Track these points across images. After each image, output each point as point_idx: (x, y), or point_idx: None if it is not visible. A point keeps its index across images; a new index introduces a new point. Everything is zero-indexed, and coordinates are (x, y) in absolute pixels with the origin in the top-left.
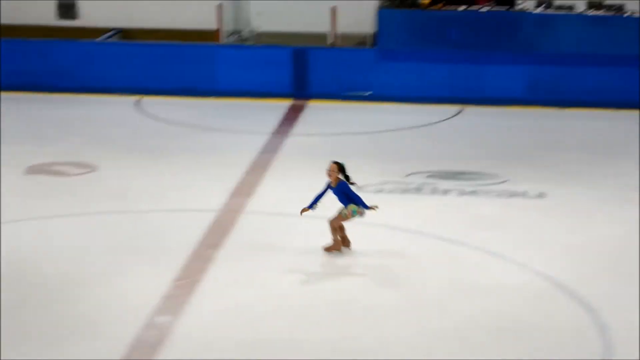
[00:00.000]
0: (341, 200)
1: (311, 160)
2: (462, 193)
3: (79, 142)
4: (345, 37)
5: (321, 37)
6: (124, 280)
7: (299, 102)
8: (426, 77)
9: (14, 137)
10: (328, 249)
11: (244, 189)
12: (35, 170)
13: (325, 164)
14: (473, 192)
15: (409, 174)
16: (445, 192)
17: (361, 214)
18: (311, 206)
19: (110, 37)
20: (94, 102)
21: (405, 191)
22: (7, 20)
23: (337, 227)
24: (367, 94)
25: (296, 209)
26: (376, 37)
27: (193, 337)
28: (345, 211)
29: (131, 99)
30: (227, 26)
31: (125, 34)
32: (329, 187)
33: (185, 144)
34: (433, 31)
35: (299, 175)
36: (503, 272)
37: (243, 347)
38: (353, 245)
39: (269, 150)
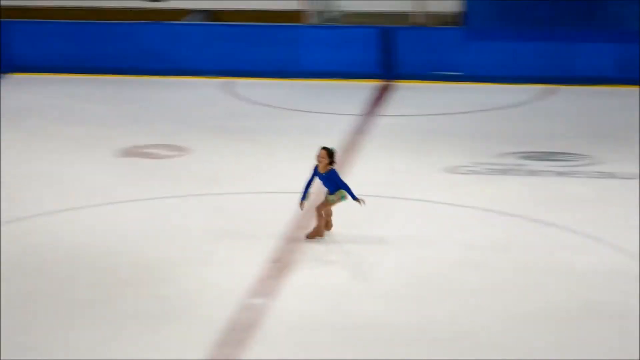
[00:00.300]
0: (329, 187)
1: (399, 141)
2: (555, 174)
3: (170, 125)
4: (433, 15)
5: (408, 16)
6: (218, 262)
7: (386, 82)
8: (515, 56)
9: (106, 120)
10: (310, 236)
11: None
12: (127, 152)
13: (415, 145)
14: (565, 173)
15: (500, 155)
16: (538, 173)
17: (347, 198)
18: (304, 197)
19: (197, 18)
20: (183, 84)
21: (496, 172)
22: (96, 3)
23: (322, 213)
24: (455, 73)
25: (388, 190)
26: (464, 16)
27: (286, 319)
28: (333, 197)
29: (219, 80)
30: (313, 6)
31: (212, 15)
32: (316, 173)
33: (275, 126)
34: (522, 9)
35: (387, 157)
36: (596, 255)
37: (336, 330)
38: (446, 227)
39: (357, 132)
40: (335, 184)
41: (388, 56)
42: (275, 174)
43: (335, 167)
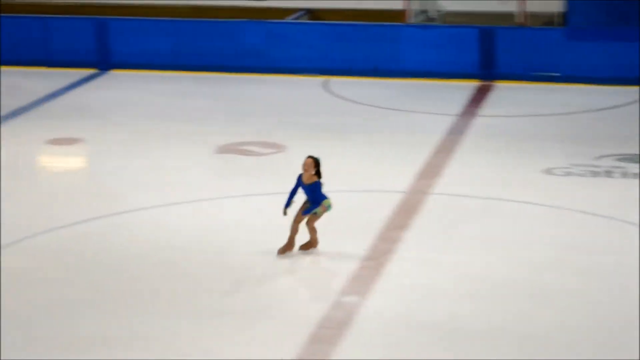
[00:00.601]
0: (311, 197)
1: (496, 141)
2: None
3: (267, 122)
4: (534, 16)
5: (509, 16)
6: (313, 259)
7: (485, 82)
8: (615, 57)
9: (205, 116)
10: (304, 247)
11: (431, 170)
12: (225, 149)
13: (512, 145)
14: None
15: (597, 157)
16: (634, 175)
17: (332, 207)
18: (288, 204)
19: (298, 17)
20: (283, 82)
21: (595, 174)
22: (198, 2)
23: (314, 226)
24: (554, 74)
25: (483, 190)
26: (565, 16)
27: (379, 318)
28: (320, 209)
29: (319, 79)
30: (414, 6)
31: (312, 14)
32: (299, 183)
33: (372, 125)
34: (623, 9)
35: (486, 158)
36: None
37: (428, 329)
38: (540, 229)
39: (456, 132)
40: (316, 197)
41: (488, 56)
42: (372, 173)
43: (430, 166)
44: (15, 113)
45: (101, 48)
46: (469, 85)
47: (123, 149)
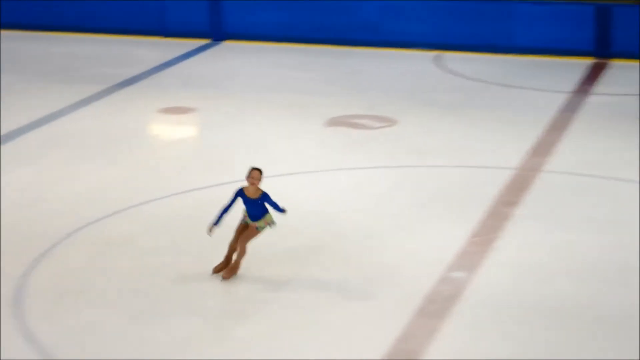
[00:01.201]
0: (255, 213)
1: (612, 120)
2: None
3: (379, 96)
4: None
5: None
6: (421, 234)
7: (600, 60)
8: None
9: (317, 89)
10: (227, 275)
11: (543, 148)
12: (336, 122)
13: (626, 125)
14: None
15: None
16: None
17: (273, 224)
18: (217, 222)
19: None
20: (395, 56)
21: None
22: None
23: (246, 246)
24: None
25: (596, 170)
26: None
27: (486, 294)
28: (262, 223)
29: (431, 54)
30: None
31: None
32: (241, 197)
33: (484, 101)
34: None
35: (599, 136)
36: None
37: (534, 307)
38: None
39: (569, 110)
40: (263, 209)
41: (603, 34)
42: (483, 148)
43: (542, 143)
44: (129, 82)
45: (215, 19)
46: (583, 63)
47: (234, 119)
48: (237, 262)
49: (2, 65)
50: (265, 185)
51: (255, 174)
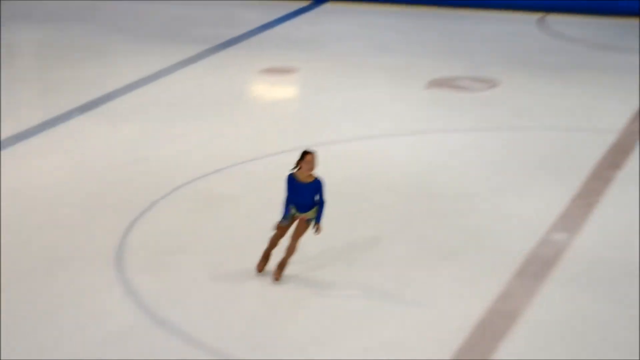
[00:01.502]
0: (306, 201)
1: None
2: None
3: (481, 58)
4: None
5: None
6: (521, 195)
7: None
8: None
9: (418, 51)
10: (277, 274)
11: None
12: (437, 84)
13: None
14: None
15: None
16: None
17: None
18: (286, 216)
19: None
20: (497, 18)
21: None
22: None
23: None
24: None
25: None
26: None
27: (586, 256)
28: (311, 214)
29: (534, 16)
30: None
31: None
32: (290, 184)
33: (588, 63)
34: None
35: None
36: None
37: (634, 270)
38: None
39: None
40: (314, 197)
41: None
42: (586, 112)
43: None
44: (230, 43)
45: None
46: None
47: (334, 81)
48: (285, 261)
49: (106, 27)
50: (362, 146)
51: (309, 158)
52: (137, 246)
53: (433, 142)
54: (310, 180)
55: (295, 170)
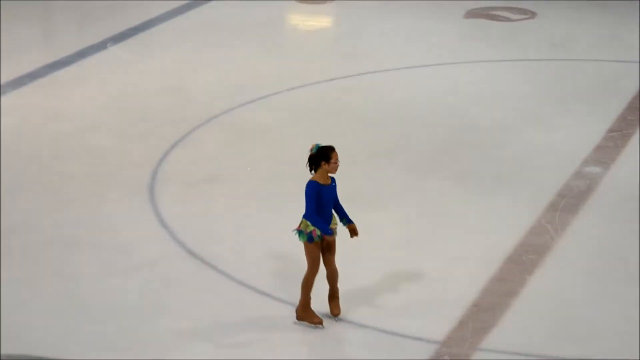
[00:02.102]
0: (331, 206)
1: None
2: None
3: None
4: None
5: None
6: (557, 127)
7: None
8: None
9: None
10: (335, 309)
11: None
12: (474, 14)
13: None
14: None
15: None
16: None
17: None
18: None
19: None
20: None
21: None
22: None
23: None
24: None
25: None
26: None
27: (619, 190)
28: (334, 225)
29: None
30: None
31: None
32: (318, 190)
33: None
34: None
35: None
36: None
37: None
38: None
39: None
40: (335, 204)
41: None
42: (624, 43)
43: None
44: None
45: None
46: None
47: (372, 10)
48: (337, 290)
49: None
50: (399, 76)
51: (335, 153)
52: (170, 176)
53: (469, 72)
54: (329, 182)
55: (318, 173)
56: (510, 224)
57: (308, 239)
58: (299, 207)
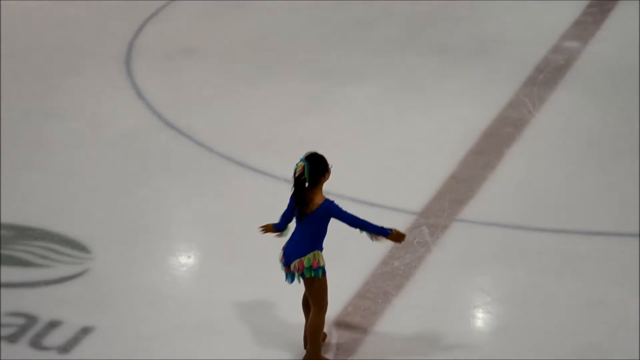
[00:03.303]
0: (320, 235)
1: None
2: None
3: None
4: None
5: None
6: (535, 3)
7: None
8: None
9: None
10: None
11: None
12: None
13: None
14: None
15: None
16: None
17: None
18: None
19: None
20: None
21: None
22: None
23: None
24: None
25: None
26: None
27: (598, 64)
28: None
29: None
30: None
31: None
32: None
33: None
34: None
35: None
36: None
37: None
38: None
39: None
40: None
41: None
42: None
43: None
44: None
45: None
46: None
47: None
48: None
49: None
50: None
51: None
52: (147, 48)
53: None
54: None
55: (319, 189)
56: (489, 97)
57: (323, 272)
58: (278, 80)
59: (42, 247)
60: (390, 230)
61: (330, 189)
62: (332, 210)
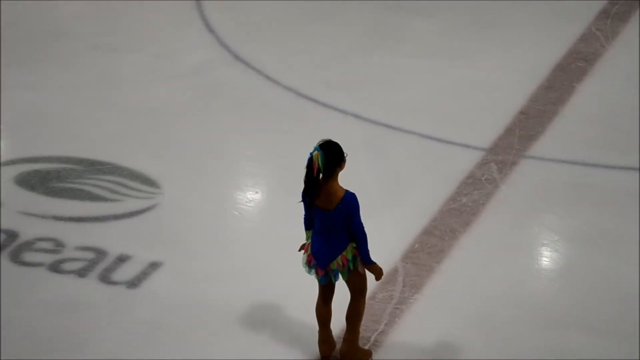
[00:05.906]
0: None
1: None
2: None
3: None
4: None
5: None
6: None
7: None
8: None
9: None
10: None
11: None
12: None
13: None
14: None
15: None
16: None
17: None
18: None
19: None
20: None
21: None
22: None
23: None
24: None
25: None
26: None
27: None
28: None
29: None
30: None
31: None
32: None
33: None
34: None
35: None
36: None
37: None
38: None
39: None
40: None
41: None
42: None
43: None
44: None
45: None
46: None
47: None
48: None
49: None
50: None
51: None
52: None
53: None
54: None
55: (336, 179)
56: (560, 31)
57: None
58: (347, 15)
59: (111, 182)
60: (374, 262)
61: (401, 125)
62: (352, 206)
